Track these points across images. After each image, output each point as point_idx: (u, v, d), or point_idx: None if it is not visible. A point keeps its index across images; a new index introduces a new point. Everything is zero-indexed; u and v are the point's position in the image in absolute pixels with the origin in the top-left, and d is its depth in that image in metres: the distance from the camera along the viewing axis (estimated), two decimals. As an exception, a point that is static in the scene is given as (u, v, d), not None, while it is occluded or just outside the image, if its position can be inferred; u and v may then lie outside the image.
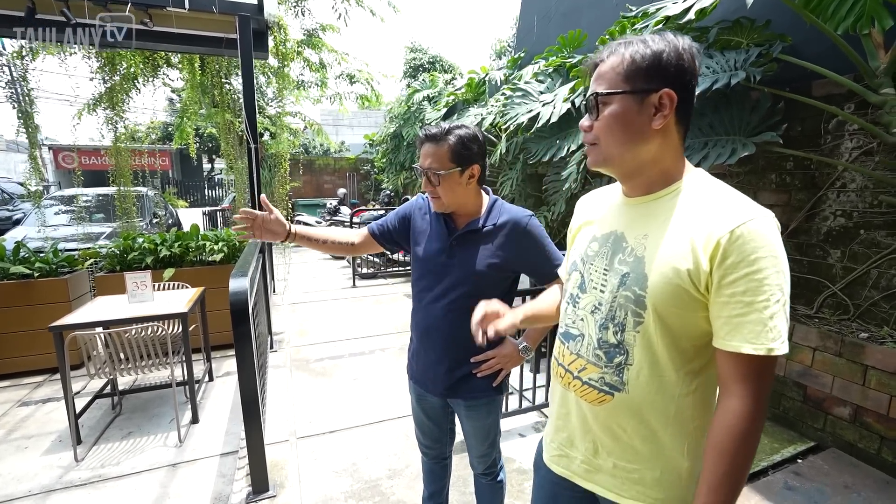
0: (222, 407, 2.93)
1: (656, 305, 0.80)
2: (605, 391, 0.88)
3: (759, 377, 0.74)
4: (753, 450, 0.75)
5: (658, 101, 0.80)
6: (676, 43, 0.80)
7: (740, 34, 2.88)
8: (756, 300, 0.72)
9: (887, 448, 2.22)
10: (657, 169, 0.85)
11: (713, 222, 0.76)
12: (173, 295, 2.96)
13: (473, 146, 1.33)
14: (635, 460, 0.88)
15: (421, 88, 8.13)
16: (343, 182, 12.10)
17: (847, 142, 2.59)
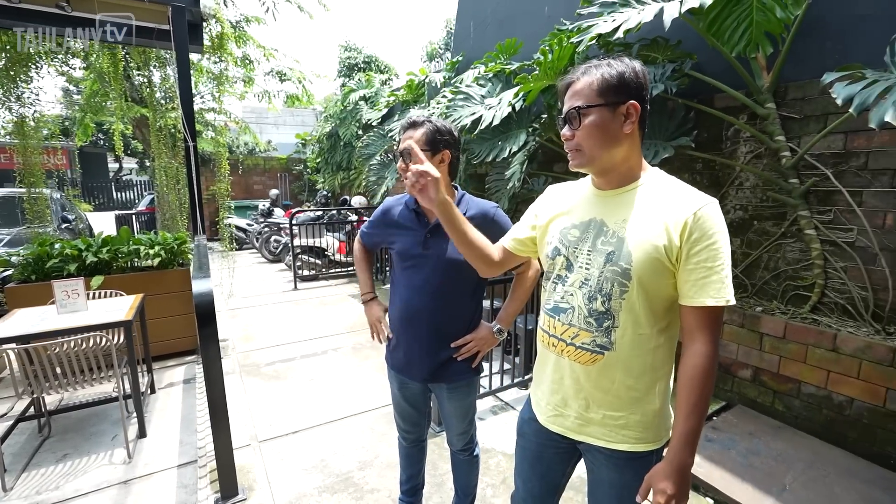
0: (171, 419, 2.78)
1: (640, 276, 0.99)
2: (596, 351, 1.05)
3: (716, 324, 0.97)
4: (713, 382, 0.97)
5: (626, 110, 0.99)
6: (633, 65, 1.01)
7: (657, 51, 3.29)
8: (715, 265, 0.94)
9: (778, 400, 2.68)
10: (626, 166, 1.05)
11: (679, 207, 0.97)
12: (110, 303, 2.75)
13: (446, 136, 1.46)
14: (620, 408, 1.06)
15: (357, 88, 8.07)
16: (274, 183, 11.60)
17: (742, 147, 3.06)
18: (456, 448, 1.73)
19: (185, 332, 3.71)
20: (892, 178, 2.45)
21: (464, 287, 1.52)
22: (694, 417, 0.95)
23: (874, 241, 2.49)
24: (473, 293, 1.56)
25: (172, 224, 4.86)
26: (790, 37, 2.64)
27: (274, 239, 7.79)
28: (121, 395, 2.38)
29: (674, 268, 0.98)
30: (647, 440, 1.07)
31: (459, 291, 1.51)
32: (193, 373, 3.42)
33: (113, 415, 2.80)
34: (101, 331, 2.34)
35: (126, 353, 2.50)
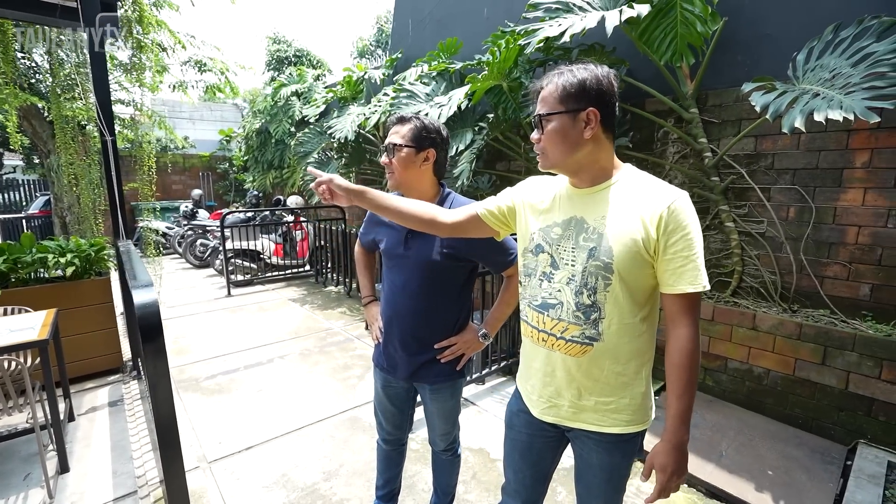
0: (98, 448, 2.47)
1: (620, 269, 1.05)
2: (586, 343, 1.11)
3: (695, 308, 1.05)
4: (698, 361, 1.05)
5: (586, 116, 1.04)
6: (596, 72, 1.05)
7: (593, 56, 3.49)
8: (691, 254, 1.01)
9: (709, 376, 2.98)
10: (597, 167, 1.10)
11: (654, 202, 1.03)
12: (14, 321, 2.38)
13: (433, 134, 1.46)
14: (611, 394, 1.12)
15: (288, 83, 7.69)
16: (196, 182, 10.69)
17: (671, 147, 3.35)
18: (439, 448, 1.71)
19: (107, 349, 3.31)
20: (793, 176, 2.82)
21: (446, 289, 1.50)
22: (687, 397, 1.03)
23: (781, 231, 2.84)
24: (458, 296, 1.53)
25: (85, 229, 4.29)
26: (710, 50, 2.93)
27: (200, 243, 7.19)
28: (36, 425, 2.07)
29: (652, 259, 1.04)
30: (636, 422, 1.14)
31: (441, 293, 1.49)
32: (120, 394, 3.06)
33: (21, 451, 2.43)
34: (9, 353, 2.02)
35: (40, 377, 2.17)
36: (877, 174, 2.53)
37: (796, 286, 2.82)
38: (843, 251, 2.66)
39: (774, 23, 2.85)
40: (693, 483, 2.17)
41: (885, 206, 2.52)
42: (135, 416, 2.78)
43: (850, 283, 2.65)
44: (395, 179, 1.48)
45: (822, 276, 2.74)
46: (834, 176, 2.67)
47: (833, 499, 2.02)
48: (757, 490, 2.07)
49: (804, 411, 2.59)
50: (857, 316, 2.60)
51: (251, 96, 11.28)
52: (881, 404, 2.34)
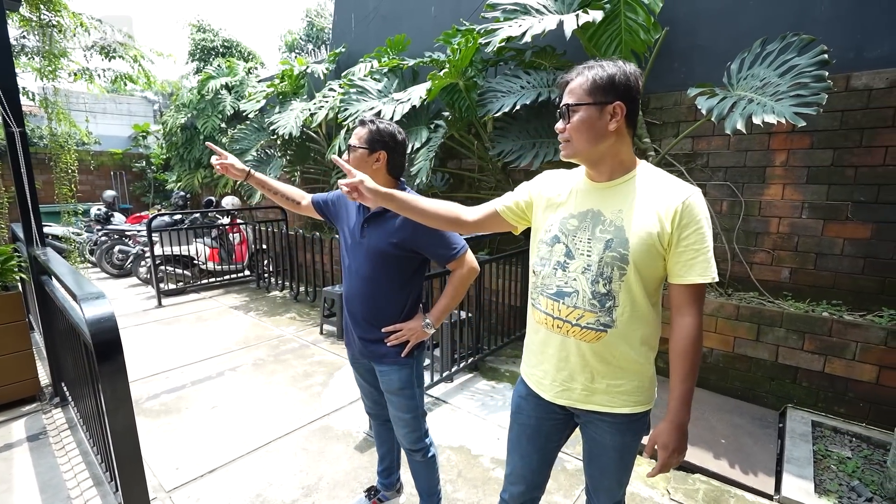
0: (22, 491, 2.12)
1: (636, 260, 1.10)
2: (601, 329, 1.15)
3: (701, 298, 1.12)
4: (701, 349, 1.12)
5: (613, 110, 1.09)
6: (625, 69, 1.10)
7: (545, 58, 3.63)
8: (702, 247, 1.08)
9: (659, 359, 3.21)
10: (616, 160, 1.15)
11: (669, 197, 1.09)
12: None
13: (385, 138, 1.55)
14: (621, 377, 1.19)
15: (217, 75, 7.14)
16: (107, 183, 9.55)
17: (617, 147, 3.58)
18: (404, 446, 1.73)
19: (19, 374, 2.85)
20: (725, 173, 3.13)
21: (393, 277, 1.59)
22: (689, 381, 1.12)
23: (717, 224, 3.15)
24: (406, 284, 1.61)
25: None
26: (652, 57, 3.17)
27: (119, 249, 6.45)
28: (-50, 470, 1.73)
29: (665, 252, 1.11)
30: (643, 402, 1.21)
31: (389, 280, 1.59)
32: (41, 426, 2.66)
33: (-79, 502, 2.03)
34: None
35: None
36: (793, 171, 2.89)
37: (730, 272, 3.14)
38: (768, 240, 3.01)
39: (706, 35, 3.14)
40: (660, 458, 2.34)
41: (800, 200, 2.88)
42: (65, 450, 2.43)
43: (773, 267, 3.00)
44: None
45: (752, 262, 3.07)
46: (759, 173, 3.00)
47: (775, 458, 2.28)
48: (715, 458, 2.27)
49: (742, 383, 2.89)
50: (780, 296, 2.96)
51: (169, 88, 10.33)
52: (804, 372, 2.68)
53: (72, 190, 3.60)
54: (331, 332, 4.22)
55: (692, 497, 2.05)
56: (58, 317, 2.56)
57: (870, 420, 2.50)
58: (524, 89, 3.36)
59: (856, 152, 2.67)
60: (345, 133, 4.36)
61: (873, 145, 2.61)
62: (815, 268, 2.84)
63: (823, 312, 2.69)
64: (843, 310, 2.71)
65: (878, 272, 2.65)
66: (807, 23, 2.75)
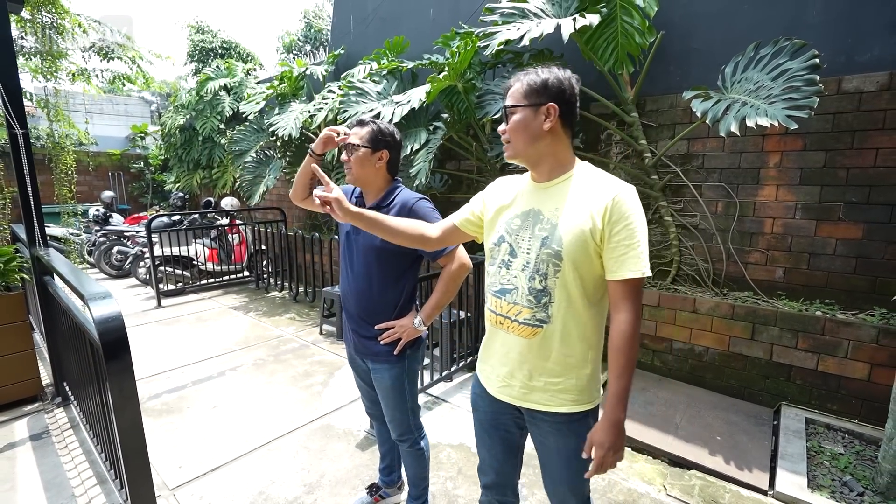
0: (27, 490, 2.14)
1: (570, 256, 1.13)
2: (537, 325, 1.19)
3: (636, 294, 1.12)
4: (638, 345, 1.14)
5: (546, 110, 1.14)
6: (559, 74, 1.17)
7: (541, 61, 3.67)
8: (632, 242, 1.09)
9: (657, 357, 3.27)
10: (555, 160, 1.19)
11: (601, 194, 1.12)
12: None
13: (388, 137, 1.63)
14: (559, 375, 1.20)
15: (216, 76, 7.15)
16: (104, 183, 9.54)
17: (614, 148, 3.62)
18: (394, 436, 1.77)
19: (21, 375, 2.87)
20: (720, 175, 3.18)
21: (386, 274, 1.63)
22: (624, 378, 1.12)
23: (712, 224, 3.19)
24: (397, 281, 1.65)
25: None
26: (648, 60, 3.21)
27: (118, 250, 6.46)
28: (-43, 468, 1.76)
29: (599, 248, 1.12)
30: (582, 401, 1.21)
31: (382, 278, 1.63)
32: (43, 425, 2.68)
33: (-75, 500, 2.05)
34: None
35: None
36: (786, 173, 2.94)
37: (726, 272, 3.18)
38: (762, 240, 3.05)
39: (700, 38, 3.19)
40: (657, 455, 2.38)
41: (793, 201, 2.93)
42: (68, 449, 2.45)
43: (767, 267, 3.05)
44: (352, 175, 1.63)
45: (746, 262, 3.12)
46: (753, 174, 3.05)
47: (770, 454, 2.32)
48: (711, 454, 2.31)
49: (737, 381, 2.94)
50: (774, 296, 3.00)
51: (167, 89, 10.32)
52: (798, 370, 2.72)
53: (71, 191, 3.60)
54: (330, 333, 4.25)
55: (688, 492, 2.09)
56: (61, 317, 2.58)
57: (862, 417, 2.55)
58: (522, 92, 3.40)
59: (847, 154, 2.72)
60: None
61: (864, 147, 2.66)
62: (809, 267, 2.89)
63: (817, 311, 2.74)
64: (835, 309, 2.76)
65: (870, 272, 2.70)
66: (799, 27, 2.80)
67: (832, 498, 2.01)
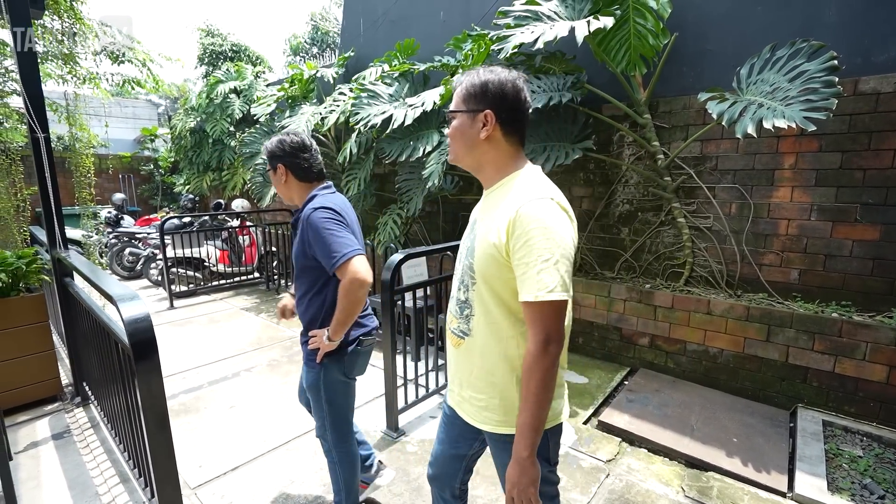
0: (52, 488, 2.17)
1: (479, 270, 1.08)
2: (460, 336, 1.17)
3: (539, 321, 0.97)
4: (542, 378, 0.97)
5: (484, 118, 1.07)
6: (501, 76, 1.07)
7: (554, 63, 3.68)
8: (529, 261, 0.97)
9: (670, 359, 3.26)
10: (493, 167, 1.12)
11: (511, 206, 1.02)
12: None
13: (276, 150, 1.67)
14: (481, 391, 1.14)
15: (226, 79, 7.21)
16: (114, 186, 9.64)
17: (626, 149, 3.62)
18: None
19: (42, 375, 2.91)
20: (734, 176, 3.17)
21: (309, 284, 1.68)
22: (525, 412, 0.99)
23: (726, 225, 3.19)
24: (319, 293, 1.65)
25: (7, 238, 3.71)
26: (661, 61, 3.21)
27: (129, 252, 6.52)
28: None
29: (509, 263, 1.03)
30: (509, 424, 1.11)
31: (306, 287, 1.69)
32: (64, 424, 2.71)
33: (-48, 498, 2.08)
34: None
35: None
36: (801, 174, 2.93)
37: (739, 274, 3.18)
38: (777, 241, 3.04)
39: (714, 40, 3.19)
40: (673, 456, 2.38)
41: (809, 202, 2.92)
42: (89, 448, 2.48)
43: (782, 269, 3.04)
44: None
45: (761, 263, 3.11)
46: (767, 176, 3.04)
47: (787, 456, 2.31)
48: (728, 456, 2.31)
49: (752, 383, 2.93)
50: (790, 297, 2.99)
51: (177, 92, 10.40)
52: (814, 372, 2.71)
53: (91, 193, 3.65)
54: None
55: (706, 494, 2.09)
56: (82, 317, 2.62)
57: (880, 419, 2.53)
58: (535, 94, 3.41)
59: (864, 155, 2.71)
60: (356, 136, 4.42)
61: (881, 148, 2.65)
62: (825, 269, 2.88)
63: (833, 313, 2.73)
64: (852, 310, 2.75)
65: (888, 273, 2.68)
66: (815, 27, 2.80)
67: (852, 500, 2.01)
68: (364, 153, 4.75)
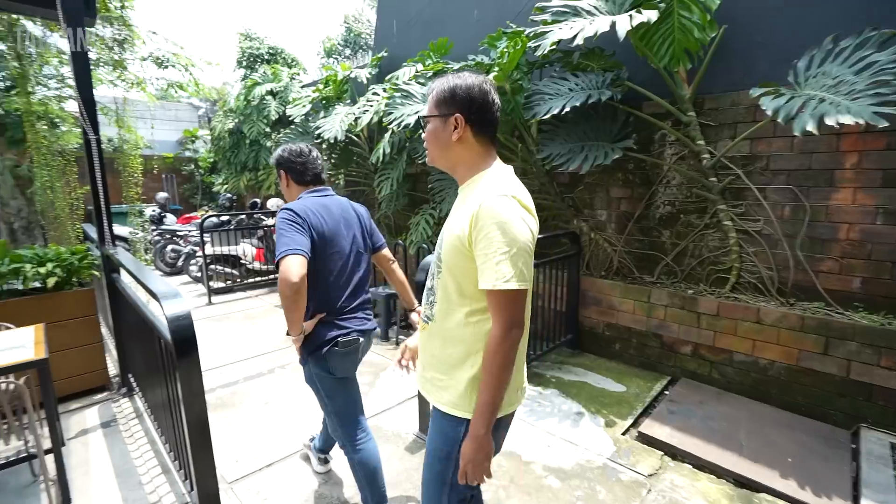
0: (100, 474, 2.26)
1: (445, 260, 1.16)
2: (426, 321, 1.27)
3: (502, 307, 1.06)
4: (501, 361, 1.06)
5: (454, 121, 1.14)
6: (468, 81, 1.15)
7: (592, 60, 3.56)
8: (489, 252, 1.04)
9: (715, 369, 3.10)
10: (465, 167, 1.20)
11: (475, 201, 1.09)
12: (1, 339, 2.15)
13: (278, 157, 1.87)
14: (442, 372, 1.21)
15: (263, 81, 7.41)
16: (158, 185, 10.09)
17: (668, 149, 3.47)
18: None
19: (91, 366, 3.05)
20: (787, 177, 2.98)
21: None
22: (485, 393, 1.07)
23: (778, 229, 3.00)
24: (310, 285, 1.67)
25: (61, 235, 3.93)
26: (708, 56, 3.05)
27: (171, 249, 6.79)
28: (40, 452, 1.87)
29: (471, 254, 1.11)
30: (459, 407, 1.17)
31: None
32: (111, 414, 2.83)
33: (10, 483, 2.19)
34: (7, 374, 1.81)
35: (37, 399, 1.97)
36: (865, 175, 2.71)
37: (792, 281, 2.98)
38: (836, 247, 2.83)
39: (767, 32, 3.00)
40: (720, 474, 2.25)
41: (873, 205, 2.70)
42: (134, 438, 2.58)
43: (842, 276, 2.83)
44: None
45: (817, 270, 2.90)
46: (826, 176, 2.84)
47: (850, 481, 2.14)
48: (782, 477, 2.16)
49: (807, 399, 2.74)
50: (850, 307, 2.78)
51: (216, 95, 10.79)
52: (880, 389, 2.50)
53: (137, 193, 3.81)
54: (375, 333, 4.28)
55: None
56: (127, 312, 2.72)
57: (955, 443, 2.31)
58: (572, 91, 3.31)
59: (939, 154, 2.48)
60: (389, 136, 4.44)
61: (960, 146, 2.42)
62: (892, 278, 2.65)
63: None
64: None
65: (965, 283, 2.45)
66: (886, 14, 2.58)
67: (926, 532, 1.83)
68: (397, 153, 4.76)
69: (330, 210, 1.76)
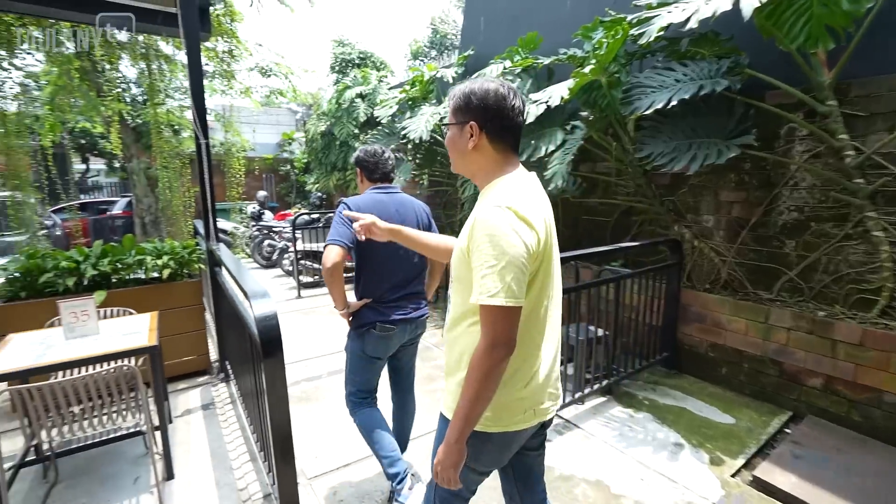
0: (198, 454, 2.44)
1: (454, 269, 1.18)
2: (443, 326, 1.29)
3: (490, 322, 1.03)
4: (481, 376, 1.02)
5: (470, 129, 1.13)
6: (485, 86, 1.12)
7: (703, 46, 3.16)
8: (477, 266, 1.04)
9: (855, 410, 2.58)
10: (483, 174, 1.19)
11: (476, 212, 1.09)
12: (121, 324, 2.40)
13: (355, 158, 2.08)
14: (445, 377, 1.24)
15: (353, 85, 7.73)
16: (258, 184, 11.05)
17: (798, 145, 2.96)
18: None
19: (195, 350, 3.34)
20: (969, 178, 2.37)
21: None
22: (464, 401, 1.05)
23: (951, 243, 2.41)
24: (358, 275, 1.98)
25: (176, 230, 4.42)
26: (860, 32, 2.53)
27: (267, 243, 7.35)
28: (149, 429, 2.05)
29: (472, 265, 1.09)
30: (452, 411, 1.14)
31: None
32: (210, 397, 3.07)
33: (127, 452, 2.45)
34: (124, 358, 2.00)
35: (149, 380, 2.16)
36: None
37: (973, 308, 2.37)
38: None
39: (947, -3, 2.42)
40: (867, 543, 1.83)
41: None
42: (228, 423, 2.76)
43: None
44: None
45: None
46: None
47: None
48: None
49: None
50: None
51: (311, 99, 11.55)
52: None
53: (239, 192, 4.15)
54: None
55: None
56: (225, 304, 2.92)
57: None
58: (679, 83, 2.95)
59: None
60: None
61: None
62: None
63: None
64: None
65: None
66: None
67: None
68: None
69: (385, 205, 1.88)
